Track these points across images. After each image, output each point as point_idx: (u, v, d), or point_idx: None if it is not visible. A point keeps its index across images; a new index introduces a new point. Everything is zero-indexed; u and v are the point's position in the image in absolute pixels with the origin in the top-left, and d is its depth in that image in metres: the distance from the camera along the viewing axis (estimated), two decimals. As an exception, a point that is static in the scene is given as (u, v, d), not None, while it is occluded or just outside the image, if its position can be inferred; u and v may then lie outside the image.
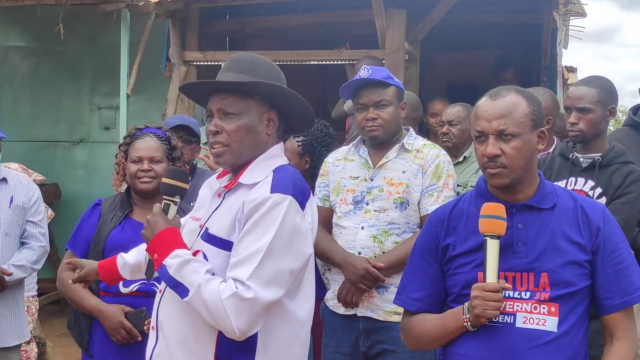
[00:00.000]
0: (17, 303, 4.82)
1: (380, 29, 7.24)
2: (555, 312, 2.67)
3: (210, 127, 2.80)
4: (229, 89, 2.81)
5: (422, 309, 2.88)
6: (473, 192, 2.90)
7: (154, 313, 2.86)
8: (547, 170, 4.17)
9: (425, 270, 2.88)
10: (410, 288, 2.92)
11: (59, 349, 6.55)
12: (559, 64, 7.76)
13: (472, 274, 2.74)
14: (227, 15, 8.69)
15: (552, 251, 2.70)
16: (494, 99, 2.75)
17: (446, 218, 2.86)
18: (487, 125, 2.71)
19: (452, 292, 2.82)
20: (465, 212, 2.84)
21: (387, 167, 4.06)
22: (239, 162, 2.81)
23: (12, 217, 4.72)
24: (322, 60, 7.97)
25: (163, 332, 2.81)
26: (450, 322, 2.76)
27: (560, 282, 2.68)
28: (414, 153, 4.06)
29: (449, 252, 2.81)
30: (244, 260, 2.62)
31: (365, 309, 3.98)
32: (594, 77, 4.29)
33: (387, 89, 4.05)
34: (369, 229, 4.00)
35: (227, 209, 2.77)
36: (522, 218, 2.75)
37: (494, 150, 2.70)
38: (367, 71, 4.08)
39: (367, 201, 4.03)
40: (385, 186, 4.02)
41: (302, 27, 8.77)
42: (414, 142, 4.11)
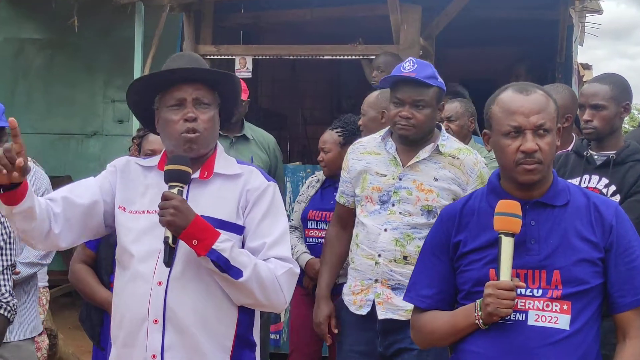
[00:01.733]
0: (29, 296, 4.79)
1: (395, 25, 7.21)
2: (568, 310, 2.66)
3: (188, 114, 2.86)
4: (203, 79, 2.92)
5: (432, 306, 2.87)
6: (484, 188, 2.88)
7: (152, 306, 2.81)
8: (561, 167, 4.15)
9: (435, 267, 2.86)
10: (420, 285, 2.90)
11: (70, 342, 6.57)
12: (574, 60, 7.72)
13: (483, 270, 2.73)
14: (241, 9, 8.68)
15: (565, 249, 2.68)
16: (527, 93, 2.71)
17: (457, 215, 2.84)
18: (525, 120, 2.67)
19: (462, 289, 2.81)
20: (476, 208, 2.82)
21: (418, 168, 3.91)
22: (205, 150, 2.92)
23: None
24: (336, 55, 7.94)
25: (172, 322, 2.80)
26: (461, 319, 2.75)
27: (572, 280, 2.66)
28: (448, 158, 3.90)
29: (460, 248, 2.80)
30: (279, 240, 2.89)
31: (386, 311, 3.89)
32: (607, 74, 4.27)
33: (429, 89, 3.88)
34: (392, 232, 3.89)
35: (217, 196, 2.90)
36: (535, 215, 2.73)
37: (534, 146, 2.66)
38: (412, 65, 3.91)
39: (393, 202, 3.91)
40: (415, 190, 3.88)
41: (316, 22, 8.75)
42: (446, 144, 3.94)
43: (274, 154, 5.48)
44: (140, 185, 2.99)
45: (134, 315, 2.85)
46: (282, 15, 8.67)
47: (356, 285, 3.99)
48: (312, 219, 5.13)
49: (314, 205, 5.15)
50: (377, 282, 3.91)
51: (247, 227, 2.90)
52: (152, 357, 2.81)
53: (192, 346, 2.82)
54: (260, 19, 8.83)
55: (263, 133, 5.55)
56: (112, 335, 2.98)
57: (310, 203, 5.19)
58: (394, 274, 3.87)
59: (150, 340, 2.81)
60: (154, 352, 2.81)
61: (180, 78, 2.91)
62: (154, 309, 2.81)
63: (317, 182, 5.26)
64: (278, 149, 5.57)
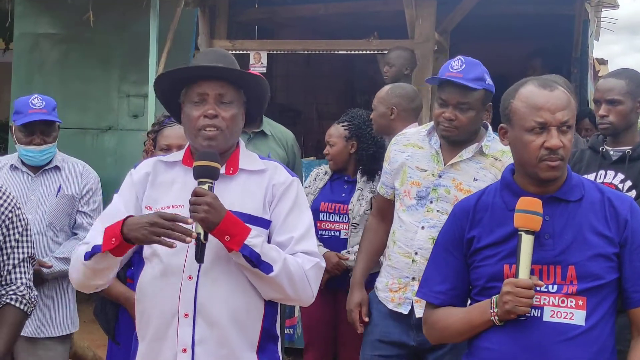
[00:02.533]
0: (65, 293, 4.77)
1: (409, 19, 7.21)
2: (583, 306, 2.65)
3: (208, 110, 2.89)
4: (228, 78, 2.94)
5: (446, 302, 2.86)
6: (498, 183, 2.87)
7: (182, 300, 2.84)
8: (576, 163, 4.13)
9: (448, 263, 2.86)
10: (433, 281, 2.89)
11: (85, 335, 6.59)
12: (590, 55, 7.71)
13: (497, 266, 2.72)
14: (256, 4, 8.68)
15: (580, 244, 2.67)
16: (551, 89, 2.69)
17: (471, 210, 2.82)
18: (551, 116, 2.65)
19: (476, 284, 2.80)
20: (490, 204, 2.81)
21: (459, 167, 3.83)
22: (225, 147, 2.93)
23: (58, 206, 4.66)
24: (351, 50, 7.95)
25: (203, 316, 2.83)
26: (476, 316, 2.74)
27: (587, 275, 2.65)
28: (490, 159, 3.81)
29: (474, 244, 2.79)
30: (306, 235, 2.95)
31: (423, 308, 3.83)
32: (623, 70, 4.25)
33: (475, 91, 3.75)
34: (429, 230, 3.82)
35: (243, 191, 2.93)
36: (550, 210, 2.71)
37: (559, 142, 2.65)
38: (460, 65, 3.78)
39: (432, 199, 3.85)
40: (453, 189, 3.80)
41: (331, 17, 8.75)
42: (491, 145, 3.83)
43: (292, 150, 5.40)
44: (165, 182, 3.01)
45: (163, 310, 2.86)
46: (296, 10, 8.68)
47: (393, 283, 3.94)
48: (325, 211, 5.12)
49: (325, 197, 5.14)
50: (414, 280, 3.82)
51: (273, 222, 2.93)
52: (183, 351, 2.84)
53: (221, 340, 2.85)
54: (275, 14, 8.84)
55: (282, 129, 5.49)
56: (138, 331, 2.99)
57: (321, 195, 5.17)
58: None
59: (180, 335, 2.84)
60: (184, 346, 2.84)
61: (204, 74, 2.93)
62: (185, 303, 2.83)
63: (324, 174, 5.26)
64: (297, 145, 5.55)
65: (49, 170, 4.70)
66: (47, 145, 4.64)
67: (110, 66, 9.38)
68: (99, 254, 2.82)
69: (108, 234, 2.80)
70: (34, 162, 4.65)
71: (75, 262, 2.94)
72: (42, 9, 9.40)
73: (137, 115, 9.33)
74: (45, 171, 4.69)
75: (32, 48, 9.48)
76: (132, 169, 3.10)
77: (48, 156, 4.67)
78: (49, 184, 4.67)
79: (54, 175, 4.70)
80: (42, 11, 9.43)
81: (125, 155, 9.17)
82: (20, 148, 4.64)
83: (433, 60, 7.25)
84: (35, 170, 4.68)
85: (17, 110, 4.65)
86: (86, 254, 2.85)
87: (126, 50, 9.18)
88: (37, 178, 4.67)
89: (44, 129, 4.63)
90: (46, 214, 4.61)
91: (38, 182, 4.66)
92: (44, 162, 4.66)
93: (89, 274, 2.92)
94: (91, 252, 2.83)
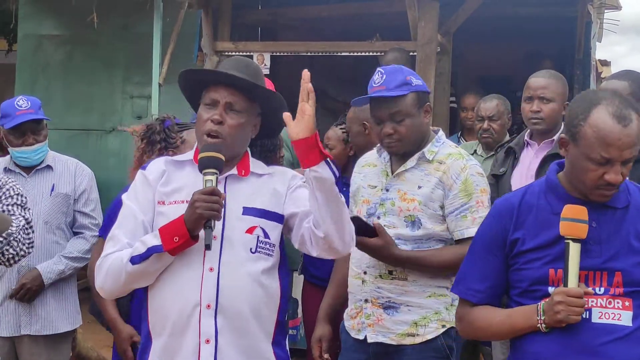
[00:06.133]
0: (67, 288, 4.82)
1: (412, 21, 7.21)
2: (629, 307, 2.67)
3: (214, 116, 2.97)
4: (241, 87, 3.00)
5: (483, 300, 2.86)
6: (542, 184, 2.84)
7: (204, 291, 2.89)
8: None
9: (488, 262, 2.84)
10: (471, 279, 2.88)
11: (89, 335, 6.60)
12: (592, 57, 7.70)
13: (542, 270, 2.72)
14: (259, 6, 8.71)
15: (626, 251, 2.68)
16: (625, 124, 2.62)
17: (515, 210, 2.80)
18: (618, 154, 2.62)
19: (518, 286, 2.79)
20: (535, 205, 2.79)
21: (404, 177, 3.67)
22: (226, 155, 2.96)
23: (53, 205, 4.71)
24: (354, 51, 7.96)
25: (225, 306, 2.89)
26: (519, 320, 2.74)
27: (634, 282, 2.66)
28: (435, 164, 3.63)
29: (518, 246, 2.77)
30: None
31: (376, 333, 3.65)
32: (625, 71, 4.28)
33: (403, 98, 3.58)
34: None
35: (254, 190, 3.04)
36: (596, 217, 2.71)
37: (620, 178, 2.64)
38: (381, 77, 3.64)
39: (379, 214, 3.68)
40: (398, 200, 3.64)
41: (334, 18, 8.76)
42: (438, 150, 3.67)
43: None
44: (177, 179, 3.07)
45: (184, 303, 2.90)
46: (299, 12, 8.69)
47: (352, 309, 3.78)
48: None
49: None
50: (367, 302, 3.68)
51: (294, 205, 3.04)
52: (206, 342, 2.89)
53: (242, 331, 2.92)
54: (278, 15, 8.85)
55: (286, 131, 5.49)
56: (152, 328, 3.01)
57: None
58: (382, 290, 3.63)
59: (203, 326, 2.89)
60: (207, 337, 2.89)
61: (217, 80, 3.03)
62: (207, 294, 2.89)
63: None
64: None
65: (42, 170, 4.75)
66: (39, 144, 4.69)
67: (113, 67, 9.38)
68: (155, 255, 2.86)
69: (168, 234, 2.85)
70: (28, 163, 4.69)
71: (112, 270, 2.95)
72: (46, 11, 9.41)
73: (140, 117, 9.33)
74: (37, 171, 4.74)
75: (35, 49, 9.49)
76: (142, 170, 3.13)
77: (41, 155, 4.73)
78: (43, 184, 4.73)
79: (47, 174, 4.75)
80: (46, 13, 9.44)
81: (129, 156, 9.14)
82: (13, 150, 4.68)
83: (436, 61, 7.26)
84: (28, 170, 4.73)
85: (4, 114, 4.69)
86: (135, 257, 2.88)
87: (130, 52, 9.18)
88: (30, 178, 4.72)
89: (34, 129, 4.68)
90: (41, 213, 4.65)
91: (32, 183, 4.71)
92: (38, 161, 4.71)
93: (132, 279, 2.95)
94: (145, 255, 2.87)
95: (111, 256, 2.96)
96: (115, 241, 3.01)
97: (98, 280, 3.02)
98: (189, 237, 2.85)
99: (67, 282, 4.79)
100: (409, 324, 3.60)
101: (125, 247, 2.95)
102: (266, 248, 2.99)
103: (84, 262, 4.72)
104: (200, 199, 2.81)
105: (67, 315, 4.78)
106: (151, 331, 3.02)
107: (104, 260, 2.98)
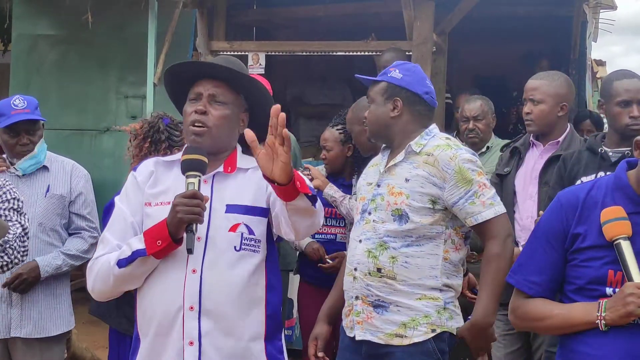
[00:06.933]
0: (60, 290, 4.76)
1: (408, 20, 7.21)
2: None
3: (198, 106, 2.98)
4: (225, 78, 3.01)
5: (540, 293, 2.80)
6: (610, 181, 2.77)
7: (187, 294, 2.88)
8: (575, 165, 4.13)
9: (548, 255, 2.78)
10: (528, 270, 2.82)
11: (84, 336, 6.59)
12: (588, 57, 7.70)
13: (602, 270, 2.65)
14: (254, 5, 8.69)
15: None
16: None
17: (580, 204, 2.73)
18: None
19: (574, 282, 2.73)
20: (600, 202, 2.71)
21: (394, 172, 3.68)
22: (213, 147, 2.99)
23: (48, 206, 4.66)
24: (349, 51, 7.95)
25: (209, 308, 2.88)
26: (578, 315, 2.68)
27: None
28: (424, 157, 3.61)
29: (578, 242, 2.71)
30: None
31: (364, 331, 3.64)
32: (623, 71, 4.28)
33: (375, 84, 3.81)
34: (365, 242, 3.65)
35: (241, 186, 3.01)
36: None
37: None
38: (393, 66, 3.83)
39: (370, 210, 3.69)
40: (387, 195, 3.64)
41: (329, 18, 8.75)
42: (427, 143, 3.66)
43: (293, 152, 5.37)
44: (165, 180, 3.07)
45: (168, 304, 2.90)
46: (295, 12, 8.68)
47: (346, 307, 3.79)
48: None
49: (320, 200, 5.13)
50: (357, 299, 3.68)
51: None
52: (190, 344, 2.88)
53: (227, 331, 2.91)
54: (273, 15, 8.84)
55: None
56: (140, 329, 3.02)
57: None
58: (372, 289, 3.61)
59: (187, 328, 2.88)
60: (191, 339, 2.88)
61: (202, 74, 3.04)
62: (190, 296, 2.88)
63: None
64: (298, 147, 5.54)
65: (37, 171, 4.69)
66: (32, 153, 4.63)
67: (108, 67, 9.37)
68: (139, 259, 2.86)
69: (151, 237, 2.86)
70: (29, 171, 4.64)
71: (101, 272, 2.97)
72: (41, 10, 9.39)
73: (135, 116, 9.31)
74: (33, 171, 4.68)
75: (30, 49, 9.47)
76: (133, 172, 3.14)
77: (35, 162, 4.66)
78: (38, 185, 4.67)
79: (42, 175, 4.70)
80: (41, 12, 9.43)
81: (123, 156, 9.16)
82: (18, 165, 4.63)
83: (431, 61, 7.25)
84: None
85: None
86: (121, 260, 2.89)
87: (124, 52, 9.17)
88: (25, 179, 4.66)
89: (28, 129, 4.63)
90: (36, 215, 4.60)
91: (27, 183, 4.65)
92: (37, 167, 4.66)
93: (119, 282, 2.95)
94: (131, 258, 2.87)
95: (101, 259, 2.98)
96: (105, 243, 3.02)
97: (89, 282, 3.03)
98: (171, 241, 2.84)
99: (60, 283, 4.74)
100: (398, 325, 3.57)
101: (115, 249, 2.96)
102: (251, 244, 2.96)
103: (80, 260, 4.68)
104: (181, 202, 2.80)
105: (59, 317, 4.73)
106: (139, 332, 3.02)
107: (94, 263, 3.00)
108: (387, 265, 3.58)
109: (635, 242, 2.61)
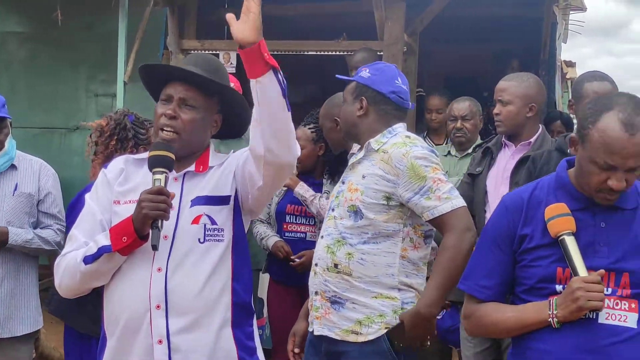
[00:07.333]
0: (27, 289, 4.72)
1: (379, 21, 7.22)
2: (635, 309, 2.65)
3: (167, 110, 2.96)
4: (196, 82, 2.98)
5: (491, 297, 2.82)
6: (552, 181, 2.81)
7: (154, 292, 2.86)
8: (544, 165, 4.16)
9: (497, 258, 2.81)
10: (478, 275, 2.85)
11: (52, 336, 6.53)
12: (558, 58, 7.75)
13: (550, 268, 2.70)
14: (225, 4, 8.65)
15: (635, 252, 2.66)
16: (633, 133, 2.56)
17: (524, 205, 2.78)
18: (622, 162, 2.58)
19: (525, 283, 2.76)
20: (544, 201, 2.76)
21: (356, 169, 3.71)
22: (182, 151, 2.97)
23: (16, 205, 4.61)
24: (320, 50, 7.95)
25: (175, 305, 2.87)
26: (530, 315, 2.71)
27: None
28: (380, 154, 3.61)
29: (526, 243, 2.75)
30: None
31: (322, 327, 3.66)
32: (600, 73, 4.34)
33: (348, 83, 3.84)
34: (326, 238, 3.67)
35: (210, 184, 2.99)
36: (605, 217, 2.70)
37: (623, 185, 2.62)
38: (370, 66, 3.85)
39: (333, 207, 3.73)
40: (346, 191, 3.67)
41: (300, 18, 8.74)
42: (387, 141, 3.65)
43: None
44: (134, 178, 3.05)
45: (135, 303, 2.88)
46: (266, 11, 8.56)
47: (309, 302, 3.81)
48: (291, 213, 5.14)
49: (291, 199, 5.14)
50: (317, 294, 3.70)
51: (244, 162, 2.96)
52: (159, 342, 2.87)
53: (196, 325, 2.90)
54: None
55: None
56: (107, 327, 3.00)
57: (287, 197, 5.17)
58: (329, 284, 3.62)
59: (155, 326, 2.87)
60: (159, 338, 2.87)
61: (173, 75, 3.02)
62: (156, 295, 2.86)
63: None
64: None
65: (5, 170, 4.64)
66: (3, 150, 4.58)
67: (78, 65, 9.32)
68: (105, 255, 2.85)
69: (117, 234, 2.85)
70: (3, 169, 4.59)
71: (68, 269, 2.96)
72: (9, 8, 9.32)
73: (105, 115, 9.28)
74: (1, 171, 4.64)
75: (-2, 46, 9.41)
76: (104, 169, 3.13)
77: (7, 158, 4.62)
78: (5, 183, 4.63)
79: (10, 174, 4.66)
80: (9, 9, 9.36)
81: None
82: None
83: (402, 61, 7.27)
84: None
85: None
86: (88, 257, 2.88)
87: (95, 50, 9.12)
88: None
89: None
90: (4, 213, 4.56)
91: None
92: (7, 167, 4.61)
93: (86, 279, 2.94)
94: (96, 255, 2.86)
95: (68, 255, 2.97)
96: (73, 240, 3.01)
97: (56, 279, 3.02)
98: (136, 237, 2.83)
99: (28, 282, 4.69)
100: (354, 322, 3.57)
101: (82, 246, 2.95)
102: (214, 234, 2.94)
103: (50, 246, 4.60)
104: (147, 198, 2.79)
105: (27, 317, 4.68)
106: (106, 331, 3.01)
107: (61, 260, 2.99)
108: (344, 261, 3.59)
109: (579, 237, 2.66)
